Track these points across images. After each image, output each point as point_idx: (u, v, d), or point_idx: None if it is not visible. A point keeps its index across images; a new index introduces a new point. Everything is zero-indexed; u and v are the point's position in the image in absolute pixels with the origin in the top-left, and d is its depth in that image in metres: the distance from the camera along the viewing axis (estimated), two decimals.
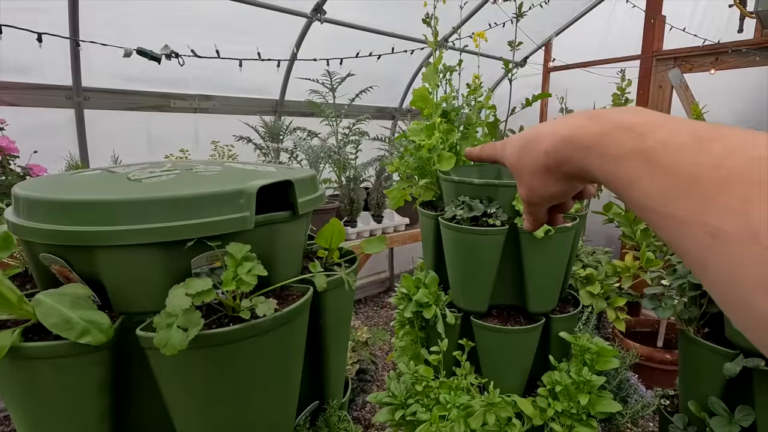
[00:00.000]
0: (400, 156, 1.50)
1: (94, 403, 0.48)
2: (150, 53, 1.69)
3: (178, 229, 0.47)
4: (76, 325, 0.43)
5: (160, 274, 0.49)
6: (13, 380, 0.45)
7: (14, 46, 2.21)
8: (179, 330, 0.42)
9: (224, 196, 0.50)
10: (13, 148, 2.02)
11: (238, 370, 0.49)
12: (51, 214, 0.48)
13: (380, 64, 3.48)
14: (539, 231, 1.10)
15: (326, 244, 0.69)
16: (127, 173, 0.56)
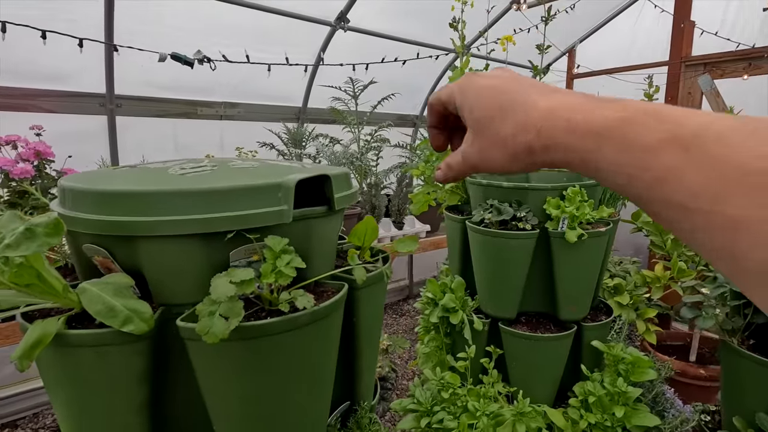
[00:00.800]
0: (425, 160, 1.49)
1: (134, 393, 0.48)
2: (184, 58, 1.73)
3: (217, 221, 0.47)
4: (120, 313, 0.43)
5: (200, 266, 0.49)
6: (57, 368, 0.46)
7: (53, 56, 2.31)
8: (221, 318, 0.42)
9: (263, 188, 0.50)
10: (49, 153, 2.10)
11: (276, 364, 0.48)
12: (96, 204, 0.48)
13: (401, 73, 3.50)
14: (572, 235, 1.07)
15: (359, 242, 0.68)
16: (166, 168, 0.57)
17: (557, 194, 1.12)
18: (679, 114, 0.25)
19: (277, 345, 0.48)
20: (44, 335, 0.41)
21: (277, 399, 0.50)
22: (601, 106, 0.28)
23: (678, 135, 0.24)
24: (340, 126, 3.09)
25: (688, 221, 0.24)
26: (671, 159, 0.24)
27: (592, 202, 1.13)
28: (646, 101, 0.27)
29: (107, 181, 0.52)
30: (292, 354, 0.49)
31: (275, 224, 0.51)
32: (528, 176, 1.48)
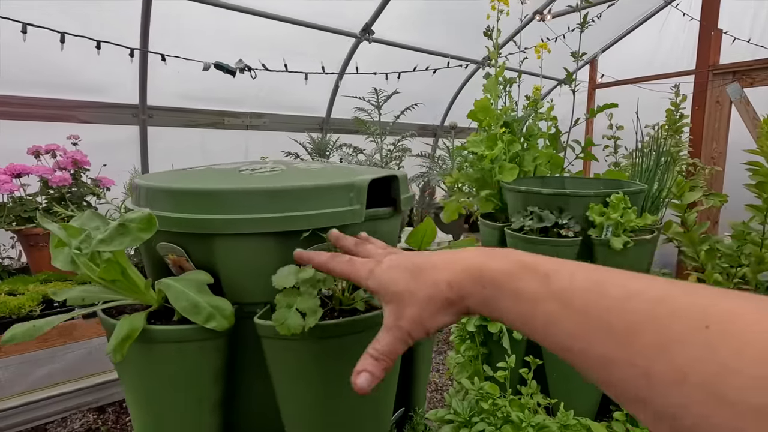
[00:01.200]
0: (458, 167, 1.49)
1: (210, 390, 0.48)
2: (226, 67, 1.78)
3: (294, 219, 0.48)
4: (203, 310, 0.43)
5: (274, 264, 0.49)
6: (137, 362, 0.46)
7: (91, 70, 2.39)
8: (297, 313, 0.42)
9: (337, 188, 0.51)
10: (86, 162, 2.16)
11: (348, 365, 0.48)
12: (173, 202, 0.49)
13: (422, 84, 3.52)
14: (617, 243, 1.04)
15: (416, 245, 0.68)
16: (236, 168, 0.58)
17: (600, 201, 1.10)
18: (548, 269, 0.30)
19: (350, 345, 0.48)
20: (132, 330, 0.42)
21: (346, 400, 0.50)
22: (490, 259, 0.34)
23: (552, 290, 0.29)
24: (362, 136, 3.12)
25: (570, 359, 0.29)
26: (551, 310, 0.29)
27: (636, 209, 1.11)
28: (511, 251, 0.35)
29: (183, 180, 0.53)
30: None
31: (346, 224, 0.51)
32: (563, 184, 1.46)
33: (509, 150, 1.39)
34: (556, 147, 1.55)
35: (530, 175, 1.49)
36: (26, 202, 1.97)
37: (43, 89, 2.29)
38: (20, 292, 1.69)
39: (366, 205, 0.56)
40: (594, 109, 1.47)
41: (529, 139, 1.47)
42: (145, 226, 0.40)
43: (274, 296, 0.49)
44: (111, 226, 0.41)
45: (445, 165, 3.33)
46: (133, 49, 1.97)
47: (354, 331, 0.48)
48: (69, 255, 0.43)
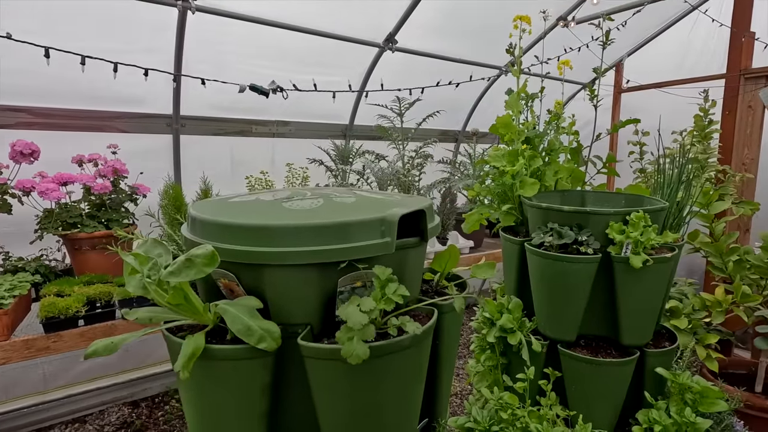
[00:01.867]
0: (480, 181, 1.53)
1: (257, 403, 0.54)
2: (260, 88, 1.88)
3: (334, 252, 0.54)
4: (255, 332, 0.50)
5: (314, 291, 0.56)
6: (197, 376, 0.53)
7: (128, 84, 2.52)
8: (362, 342, 0.48)
9: (370, 223, 0.56)
10: (124, 170, 2.29)
11: (382, 383, 0.54)
12: (227, 235, 0.56)
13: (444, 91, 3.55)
14: (637, 261, 1.07)
15: (440, 268, 0.73)
16: (279, 200, 0.64)
17: (620, 219, 1.13)
18: None
19: (383, 366, 0.53)
20: (197, 348, 0.48)
21: (379, 416, 0.55)
22: None
23: None
24: (385, 142, 3.18)
25: None
26: None
27: (657, 227, 1.13)
28: None
29: (234, 213, 0.60)
30: (395, 372, 0.54)
31: (380, 254, 0.57)
32: (583, 200, 1.48)
33: (530, 165, 1.42)
34: (577, 161, 1.57)
35: (551, 189, 1.51)
36: (71, 208, 2.10)
37: (84, 101, 2.44)
38: (67, 293, 1.82)
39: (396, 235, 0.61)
40: (617, 124, 1.48)
41: (550, 153, 1.49)
42: (209, 262, 0.47)
43: (314, 318, 0.55)
44: (178, 260, 0.48)
45: (466, 170, 3.35)
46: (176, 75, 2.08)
47: (389, 351, 0.54)
48: (141, 282, 0.50)
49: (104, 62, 2.28)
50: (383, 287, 0.53)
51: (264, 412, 0.55)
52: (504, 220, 1.49)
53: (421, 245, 0.64)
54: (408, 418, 0.60)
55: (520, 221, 1.48)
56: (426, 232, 0.62)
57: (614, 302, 1.17)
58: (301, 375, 0.55)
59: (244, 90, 1.92)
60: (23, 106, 2.30)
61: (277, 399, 0.58)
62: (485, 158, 1.52)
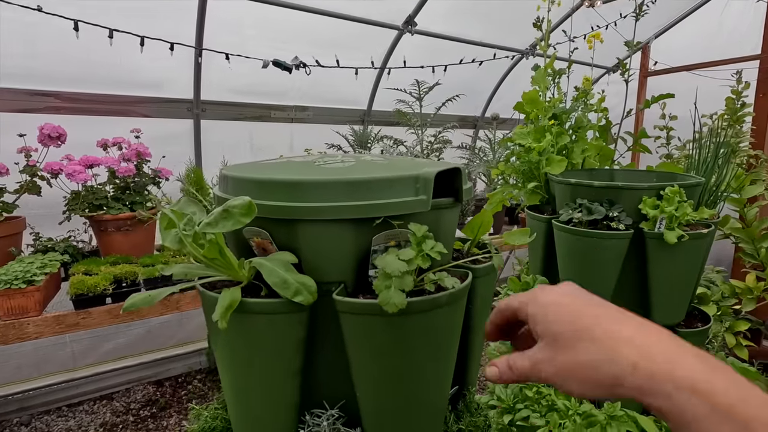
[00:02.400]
0: (505, 159, 1.50)
1: (292, 359, 0.54)
2: (284, 64, 1.87)
3: (369, 208, 0.53)
4: (291, 285, 0.49)
5: (348, 248, 0.55)
6: (232, 331, 0.53)
7: (150, 69, 2.56)
8: (398, 291, 0.47)
9: (405, 180, 0.55)
10: (147, 153, 2.32)
11: (417, 340, 0.53)
12: (262, 191, 0.55)
13: (464, 76, 3.50)
14: (671, 236, 1.03)
15: (471, 234, 0.71)
16: (311, 161, 0.63)
17: (654, 194, 1.09)
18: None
19: (420, 323, 0.52)
20: (233, 300, 0.48)
21: (415, 375, 0.54)
22: (745, 394, 0.30)
23: None
24: (403, 128, 3.15)
25: None
26: None
27: (692, 203, 1.08)
28: None
29: (268, 171, 0.59)
30: (432, 332, 0.53)
31: (413, 213, 0.56)
32: (612, 177, 1.44)
33: (557, 142, 1.39)
34: (606, 139, 1.52)
35: (578, 167, 1.47)
36: (97, 190, 2.15)
37: (108, 86, 2.47)
38: (94, 272, 1.86)
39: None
40: (648, 99, 1.43)
41: (578, 131, 1.45)
42: (246, 212, 0.46)
43: (348, 276, 0.54)
44: (215, 211, 0.47)
45: (485, 157, 3.30)
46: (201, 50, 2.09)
47: (426, 308, 0.53)
48: (177, 235, 0.50)
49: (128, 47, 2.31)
50: (419, 243, 0.52)
51: (298, 369, 0.55)
52: (529, 200, 1.46)
53: (455, 207, 0.63)
54: (441, 381, 0.59)
55: (545, 200, 1.45)
56: (461, 193, 0.61)
57: (645, 280, 1.14)
58: (335, 333, 0.55)
59: (267, 65, 1.92)
60: (52, 91, 2.35)
61: (311, 357, 0.58)
62: (510, 137, 1.48)
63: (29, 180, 2.08)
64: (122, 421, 2.55)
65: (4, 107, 2.23)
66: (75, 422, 2.54)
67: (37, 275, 1.76)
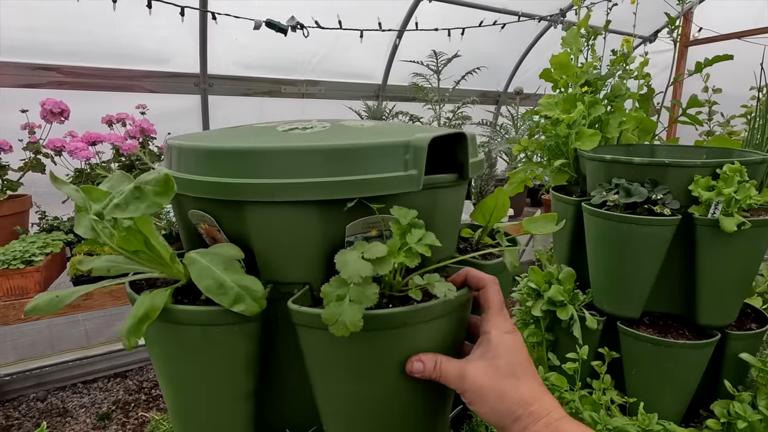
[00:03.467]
0: (529, 134, 1.33)
1: (241, 379, 0.42)
2: (278, 24, 1.72)
3: (337, 186, 0.39)
4: (230, 290, 0.37)
5: (313, 239, 0.42)
6: (162, 343, 0.41)
7: (154, 39, 2.44)
8: (353, 304, 0.34)
9: (389, 148, 0.41)
10: (152, 130, 2.23)
11: (399, 361, 0.40)
12: (201, 164, 0.43)
13: (485, 47, 3.26)
14: (730, 223, 0.86)
15: (483, 220, 0.57)
16: (274, 125, 0.50)
17: (709, 172, 0.91)
18: None
19: (398, 339, 0.39)
20: (151, 309, 0.36)
21: (393, 402, 0.42)
22: None
23: None
24: (420, 104, 2.96)
25: None
26: None
27: (755, 183, 0.90)
28: None
29: (214, 138, 0.46)
30: (416, 350, 0.40)
31: (398, 193, 0.42)
32: (653, 152, 1.25)
33: (590, 113, 1.21)
34: (646, 110, 1.33)
35: (613, 142, 1.29)
36: (102, 168, 2.08)
37: (111, 60, 2.38)
38: (97, 253, 1.80)
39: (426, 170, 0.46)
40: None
41: (614, 100, 1.26)
42: (162, 189, 0.34)
43: (314, 276, 0.41)
44: (126, 189, 0.35)
45: (507, 134, 3.09)
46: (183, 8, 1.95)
47: (410, 323, 0.39)
48: (89, 222, 0.38)
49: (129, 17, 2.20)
50: (404, 234, 0.38)
51: (250, 389, 0.43)
52: (555, 179, 1.29)
53: (458, 185, 0.49)
54: (434, 411, 0.46)
55: (573, 180, 1.27)
56: (466, 167, 0.46)
57: (692, 274, 0.97)
58: (296, 345, 0.42)
59: (259, 26, 1.77)
60: (53, 65, 2.28)
61: (270, 374, 0.46)
62: (535, 109, 1.31)
63: (33, 157, 2.03)
64: (134, 399, 2.56)
65: (5, 82, 2.17)
66: (89, 399, 2.57)
67: (36, 255, 1.71)
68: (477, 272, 0.45)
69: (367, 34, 2.66)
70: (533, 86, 3.23)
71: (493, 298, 0.44)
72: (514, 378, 0.40)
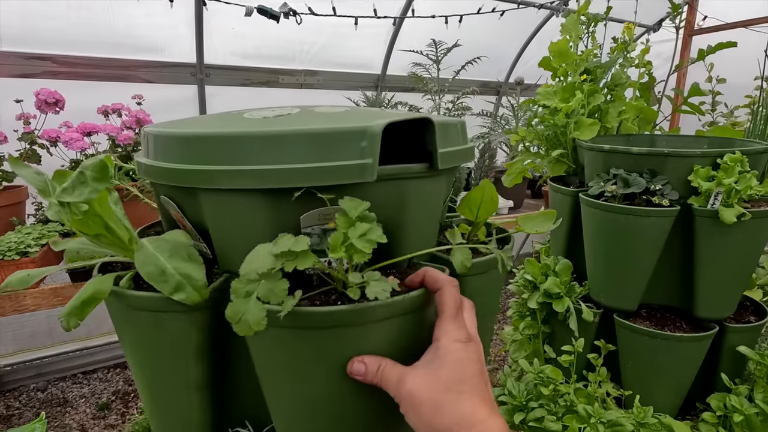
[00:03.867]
0: (527, 124, 1.30)
1: (193, 368, 0.41)
2: (270, 11, 1.69)
3: (278, 174, 0.37)
4: (171, 278, 0.36)
5: (265, 229, 0.40)
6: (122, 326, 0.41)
7: (149, 27, 2.41)
8: (259, 303, 0.32)
9: (340, 135, 0.39)
10: (148, 121, 2.21)
11: (339, 363, 0.38)
12: (159, 149, 0.42)
13: (486, 36, 3.20)
14: (729, 215, 0.84)
15: (471, 215, 0.55)
16: (242, 112, 0.48)
17: (709, 162, 0.89)
18: None
19: (341, 339, 0.38)
20: (97, 292, 0.35)
21: (337, 403, 0.40)
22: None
23: None
24: (419, 94, 2.93)
25: None
26: None
27: (756, 173, 0.88)
28: None
29: (181, 125, 0.45)
30: (362, 353, 0.39)
31: (357, 183, 0.40)
32: (653, 143, 1.23)
33: (589, 102, 1.18)
34: (647, 99, 1.30)
35: (613, 132, 1.26)
36: None
37: (106, 49, 2.35)
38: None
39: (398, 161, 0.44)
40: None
41: (614, 89, 1.24)
42: (99, 175, 0.33)
43: None
44: (74, 174, 0.34)
45: (508, 125, 3.06)
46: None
47: (350, 323, 0.37)
48: (55, 205, 0.36)
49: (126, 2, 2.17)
50: (349, 228, 0.36)
51: (202, 379, 0.43)
52: (553, 170, 1.27)
53: (433, 177, 0.46)
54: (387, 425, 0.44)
55: (572, 171, 1.25)
56: (436, 156, 0.44)
57: (690, 266, 0.96)
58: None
59: (251, 13, 1.74)
60: (47, 54, 2.25)
61: (227, 369, 0.45)
62: (534, 98, 1.28)
63: (28, 148, 2.02)
64: (134, 390, 2.57)
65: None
66: (89, 389, 2.58)
67: (32, 247, 1.71)
68: (434, 272, 0.41)
69: (366, 23, 2.62)
70: (535, 76, 3.19)
71: (448, 301, 0.40)
72: (455, 393, 0.36)
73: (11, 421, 2.27)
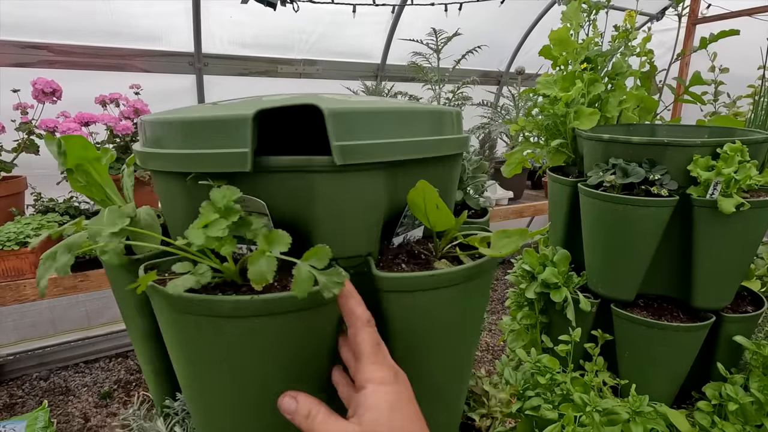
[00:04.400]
0: (526, 113, 1.30)
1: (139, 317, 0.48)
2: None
3: (173, 158, 0.41)
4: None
5: (185, 208, 0.44)
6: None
7: (146, 16, 2.38)
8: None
9: (219, 123, 0.39)
10: (146, 111, 2.19)
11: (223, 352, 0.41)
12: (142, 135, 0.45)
13: (487, 25, 3.17)
14: (728, 205, 0.84)
15: (427, 223, 0.50)
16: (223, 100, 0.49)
17: (708, 152, 0.88)
18: None
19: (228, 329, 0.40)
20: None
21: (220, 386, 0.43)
22: None
23: None
24: (419, 84, 2.90)
25: None
26: None
27: (756, 163, 0.88)
28: None
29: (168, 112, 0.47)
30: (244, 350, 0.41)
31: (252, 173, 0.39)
32: (653, 132, 1.22)
33: (589, 91, 1.17)
34: (648, 88, 1.29)
35: (613, 122, 1.26)
36: None
37: (103, 38, 2.33)
38: None
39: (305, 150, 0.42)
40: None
41: (615, 78, 1.22)
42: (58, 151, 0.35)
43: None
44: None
45: (508, 115, 3.04)
46: None
47: (231, 314, 0.38)
48: None
49: None
50: (224, 216, 0.36)
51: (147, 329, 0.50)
52: (552, 160, 1.27)
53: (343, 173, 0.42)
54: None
55: (571, 161, 1.25)
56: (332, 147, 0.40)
57: (688, 256, 0.96)
58: None
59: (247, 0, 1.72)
60: (44, 43, 2.23)
61: None
62: (534, 87, 1.27)
63: (26, 138, 2.01)
64: (135, 379, 2.60)
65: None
66: (91, 378, 2.61)
67: (31, 237, 1.71)
68: (354, 305, 0.38)
69: (365, 11, 2.59)
70: (536, 66, 3.16)
71: (364, 342, 0.37)
72: None
73: (14, 410, 2.30)
